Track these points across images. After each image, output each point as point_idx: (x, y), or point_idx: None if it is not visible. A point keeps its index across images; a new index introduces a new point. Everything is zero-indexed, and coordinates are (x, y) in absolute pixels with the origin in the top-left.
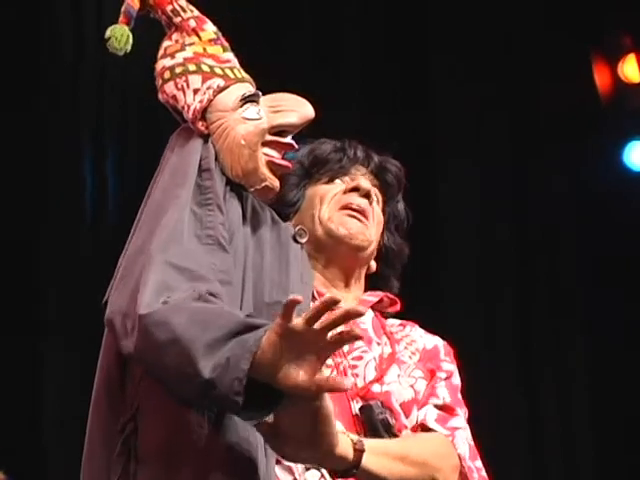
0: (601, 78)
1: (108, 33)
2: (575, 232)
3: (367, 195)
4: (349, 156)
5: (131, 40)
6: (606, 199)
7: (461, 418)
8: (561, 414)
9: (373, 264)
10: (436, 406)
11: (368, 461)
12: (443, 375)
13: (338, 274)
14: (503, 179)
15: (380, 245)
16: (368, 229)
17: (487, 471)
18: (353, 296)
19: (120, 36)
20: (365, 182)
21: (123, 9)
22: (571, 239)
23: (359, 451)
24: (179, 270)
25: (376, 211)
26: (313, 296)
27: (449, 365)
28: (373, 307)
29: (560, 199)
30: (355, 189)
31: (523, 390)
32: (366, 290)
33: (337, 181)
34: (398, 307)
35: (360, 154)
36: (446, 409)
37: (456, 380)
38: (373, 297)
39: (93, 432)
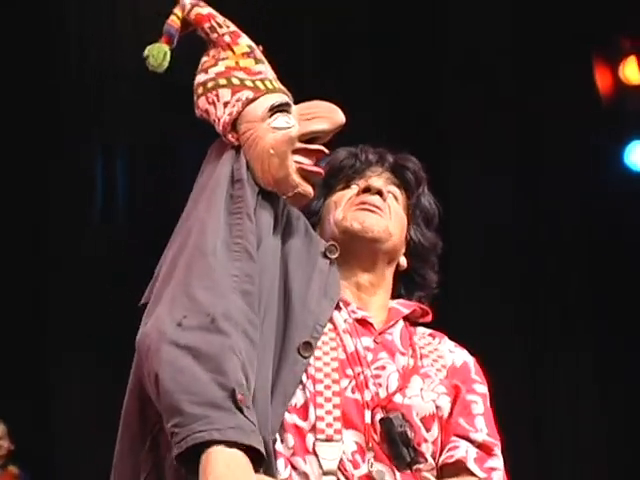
0: (602, 80)
1: (146, 52)
2: (581, 230)
3: (379, 193)
4: (361, 160)
5: (168, 57)
6: (607, 199)
7: (499, 459)
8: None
9: (403, 260)
10: (475, 444)
11: None
12: (479, 400)
13: (362, 275)
14: (506, 178)
15: (408, 240)
16: (384, 221)
17: None
18: (380, 302)
19: (157, 54)
20: (377, 181)
21: (164, 29)
22: (577, 237)
23: None
24: (200, 292)
25: (393, 207)
26: (338, 306)
27: (482, 387)
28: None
29: (562, 198)
30: (367, 189)
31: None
32: (394, 290)
33: (353, 185)
34: (429, 318)
35: (372, 157)
36: (484, 448)
37: (488, 403)
38: (406, 308)
39: (124, 434)
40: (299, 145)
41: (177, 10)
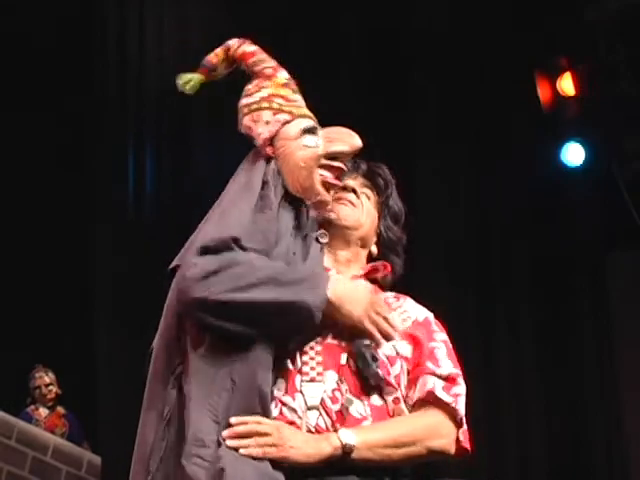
0: (543, 92)
1: (178, 80)
2: (528, 214)
3: (354, 191)
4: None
5: (193, 84)
6: (548, 188)
7: (462, 386)
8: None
9: (374, 249)
10: (441, 377)
11: (362, 455)
12: (441, 345)
13: (339, 253)
14: (468, 171)
15: (378, 233)
16: (356, 213)
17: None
18: (353, 274)
19: (187, 80)
20: (352, 182)
21: (203, 62)
22: (524, 220)
23: (345, 453)
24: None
25: (365, 204)
26: None
27: (442, 335)
28: (372, 281)
29: (512, 187)
30: (344, 188)
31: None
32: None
33: None
34: (389, 269)
35: (349, 165)
36: (450, 380)
37: (450, 345)
38: (362, 270)
39: (153, 376)
40: (323, 161)
41: (220, 50)
